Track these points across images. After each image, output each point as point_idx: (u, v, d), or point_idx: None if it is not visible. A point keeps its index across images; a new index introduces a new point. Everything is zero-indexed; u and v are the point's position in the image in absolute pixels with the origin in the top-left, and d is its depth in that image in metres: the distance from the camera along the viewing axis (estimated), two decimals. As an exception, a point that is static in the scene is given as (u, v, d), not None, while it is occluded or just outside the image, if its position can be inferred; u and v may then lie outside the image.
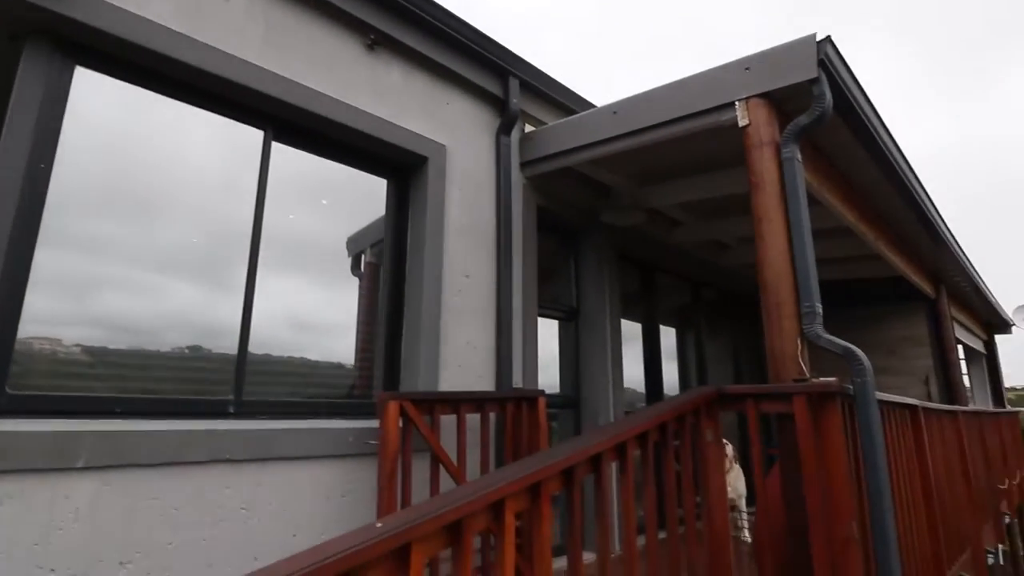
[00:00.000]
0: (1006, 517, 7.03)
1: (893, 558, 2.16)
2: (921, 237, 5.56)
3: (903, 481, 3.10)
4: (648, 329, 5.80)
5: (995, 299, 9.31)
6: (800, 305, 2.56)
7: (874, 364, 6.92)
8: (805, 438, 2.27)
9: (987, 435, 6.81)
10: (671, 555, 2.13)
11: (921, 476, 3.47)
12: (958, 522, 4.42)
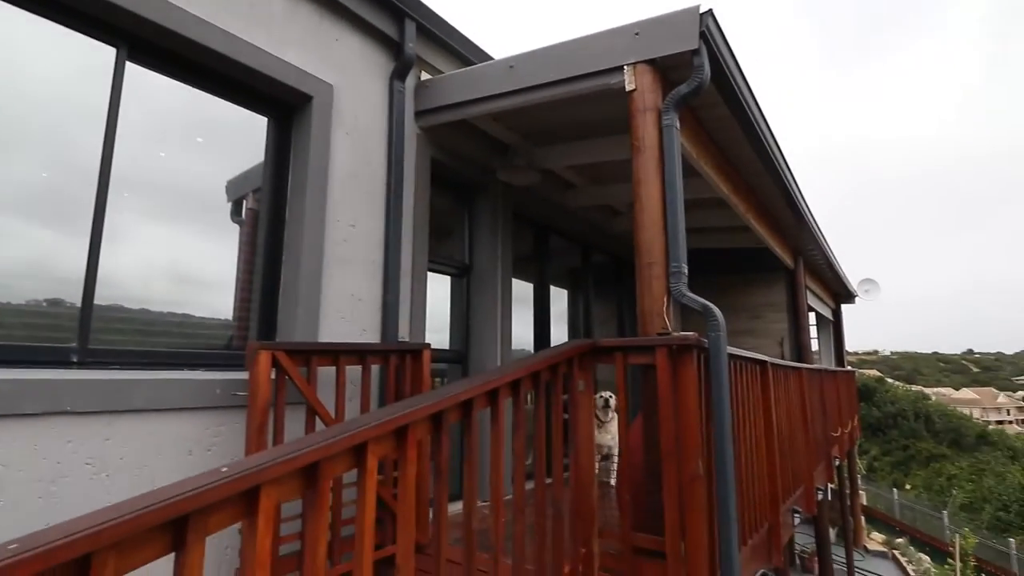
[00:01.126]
0: (836, 460, 8.16)
1: (731, 492, 2.43)
2: (785, 213, 6.13)
3: (750, 426, 3.48)
4: (539, 289, 5.96)
5: (844, 272, 10.55)
6: (669, 265, 2.73)
7: (740, 327, 7.65)
8: (664, 386, 2.46)
9: (826, 390, 7.79)
10: (537, 497, 2.25)
11: (766, 423, 3.91)
12: (795, 464, 5.05)
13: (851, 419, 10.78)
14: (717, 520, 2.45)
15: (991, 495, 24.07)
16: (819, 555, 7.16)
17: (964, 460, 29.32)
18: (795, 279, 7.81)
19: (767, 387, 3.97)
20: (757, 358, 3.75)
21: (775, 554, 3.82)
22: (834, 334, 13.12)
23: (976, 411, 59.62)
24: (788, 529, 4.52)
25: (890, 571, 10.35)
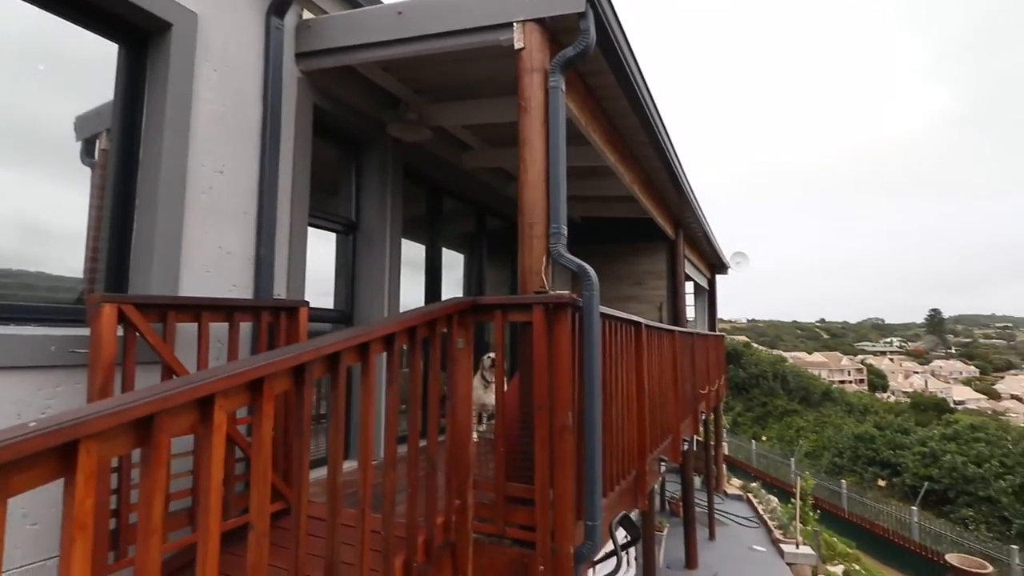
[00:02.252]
0: (703, 415, 8.99)
1: (596, 442, 2.59)
2: (667, 186, 6.48)
3: (623, 382, 3.72)
4: (432, 252, 5.89)
5: (719, 245, 11.45)
6: (549, 226, 2.79)
7: (625, 293, 8.06)
8: (539, 342, 2.54)
9: (697, 351, 8.48)
10: (411, 453, 2.25)
11: (638, 379, 4.19)
12: (665, 417, 5.49)
13: (719, 378, 11.89)
14: (584, 468, 2.60)
15: (830, 444, 27.92)
16: (683, 499, 7.91)
17: (811, 415, 33.66)
18: (675, 249, 8.35)
19: (640, 346, 4.24)
20: (632, 319, 3.98)
21: (641, 498, 4.15)
22: (708, 302, 14.28)
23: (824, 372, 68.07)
24: (655, 476, 4.92)
25: (744, 510, 11.70)
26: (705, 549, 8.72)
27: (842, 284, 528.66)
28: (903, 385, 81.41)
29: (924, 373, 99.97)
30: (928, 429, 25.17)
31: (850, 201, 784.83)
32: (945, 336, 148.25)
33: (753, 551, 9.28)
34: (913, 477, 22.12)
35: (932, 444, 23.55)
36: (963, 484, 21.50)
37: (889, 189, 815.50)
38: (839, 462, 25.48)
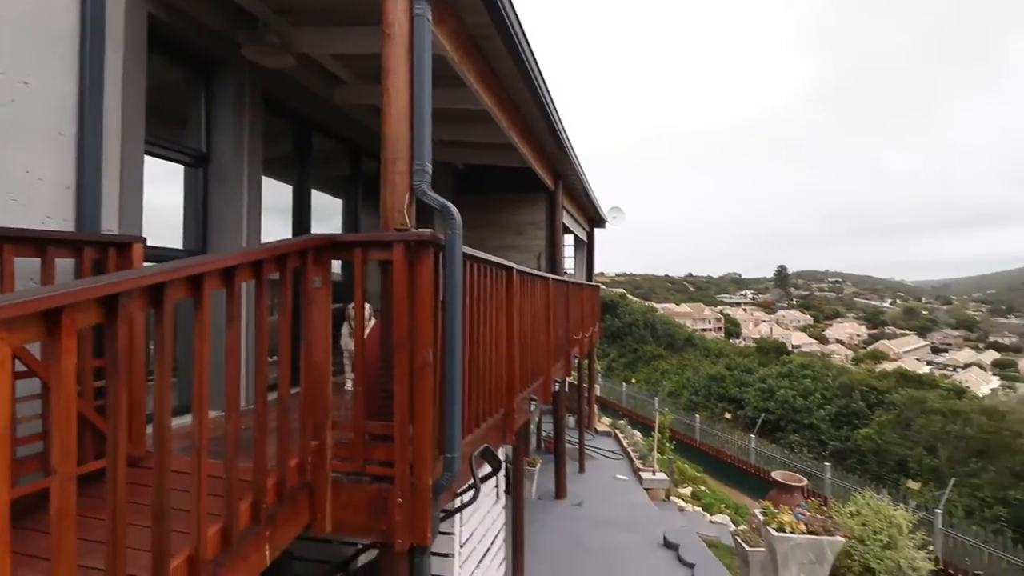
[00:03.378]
0: (576, 359, 9.53)
1: (456, 379, 2.64)
2: (546, 136, 6.56)
3: (492, 323, 3.80)
4: (300, 193, 5.53)
5: (597, 199, 11.93)
6: (413, 162, 2.72)
7: (506, 242, 8.17)
8: (400, 280, 2.51)
9: (572, 299, 8.89)
10: (258, 395, 2.15)
11: (508, 321, 4.31)
12: (536, 359, 5.73)
13: (593, 326, 12.62)
14: (445, 403, 2.66)
15: (688, 384, 31.12)
16: (555, 437, 8.45)
17: (675, 359, 37.11)
18: (554, 200, 8.57)
19: (512, 290, 4.34)
20: (502, 263, 4.05)
21: (508, 434, 4.35)
22: (587, 254, 14.96)
23: (689, 322, 74.77)
24: (525, 414, 5.17)
25: (611, 445, 12.77)
26: (575, 481, 9.43)
27: (708, 242, 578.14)
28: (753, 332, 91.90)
29: (770, 322, 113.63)
30: (768, 369, 28.97)
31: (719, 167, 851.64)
32: (789, 289, 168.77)
33: (616, 480, 10.20)
34: (754, 410, 25.46)
35: (770, 381, 27.22)
36: (792, 414, 25.19)
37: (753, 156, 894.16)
38: (695, 399, 28.59)
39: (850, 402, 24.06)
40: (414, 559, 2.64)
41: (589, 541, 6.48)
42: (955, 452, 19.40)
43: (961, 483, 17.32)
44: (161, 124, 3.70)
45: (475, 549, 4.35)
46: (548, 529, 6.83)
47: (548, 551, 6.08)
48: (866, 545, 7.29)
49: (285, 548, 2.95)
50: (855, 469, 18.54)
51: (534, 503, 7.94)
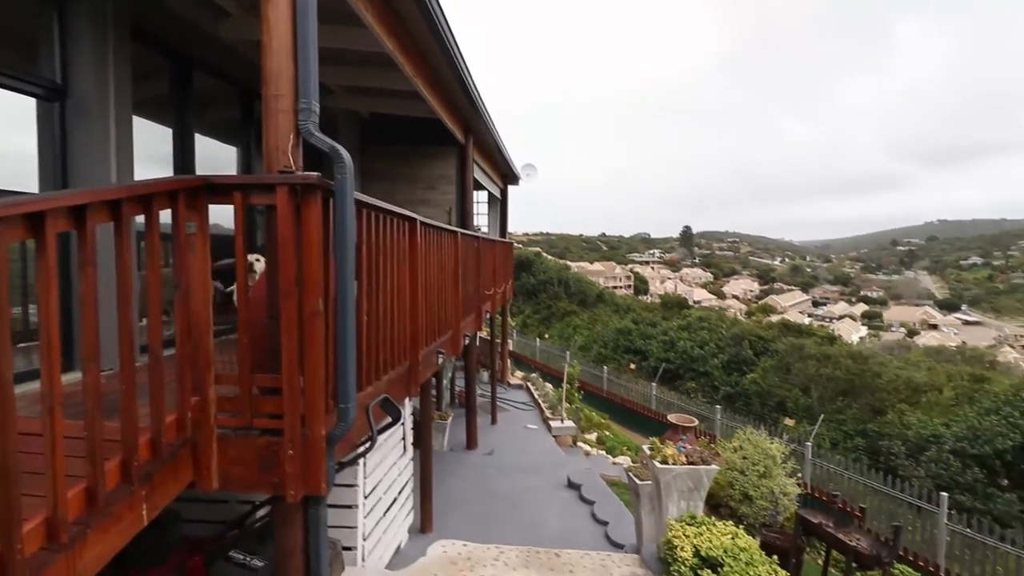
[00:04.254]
0: (487, 314, 9.64)
1: (349, 329, 2.57)
2: (453, 86, 6.38)
3: (392, 275, 3.73)
4: (182, 138, 5.06)
5: (510, 156, 11.88)
6: (298, 100, 2.55)
7: (417, 196, 7.96)
8: (285, 226, 2.38)
9: (483, 255, 8.90)
10: (122, 349, 1.99)
11: (411, 274, 4.25)
12: (444, 313, 5.73)
13: (506, 282, 12.77)
14: (336, 354, 2.60)
15: (598, 338, 32.57)
16: (467, 390, 8.58)
17: (586, 315, 38.57)
18: (465, 154, 8.43)
19: (415, 242, 4.27)
20: (404, 214, 3.95)
21: (414, 387, 4.36)
22: (500, 211, 14.98)
23: (601, 280, 77.61)
24: (432, 367, 5.19)
25: (523, 397, 13.19)
26: (487, 432, 9.68)
27: (621, 202, 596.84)
28: (659, 289, 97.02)
29: (675, 279, 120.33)
30: (670, 322, 30.91)
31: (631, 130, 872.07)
32: (692, 248, 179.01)
33: (527, 429, 10.59)
34: (656, 360, 27.19)
35: (671, 333, 29.12)
36: (690, 363, 27.21)
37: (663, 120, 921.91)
38: (604, 352, 30.04)
39: (740, 351, 26.32)
40: (309, 509, 2.62)
41: (498, 486, 6.72)
42: (825, 392, 21.91)
43: (829, 419, 19.67)
44: (3, 49, 3.22)
45: (381, 499, 4.39)
46: (459, 477, 7.01)
47: (459, 498, 6.25)
48: (745, 475, 8.12)
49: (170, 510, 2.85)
50: (742, 410, 20.41)
51: (446, 455, 8.09)
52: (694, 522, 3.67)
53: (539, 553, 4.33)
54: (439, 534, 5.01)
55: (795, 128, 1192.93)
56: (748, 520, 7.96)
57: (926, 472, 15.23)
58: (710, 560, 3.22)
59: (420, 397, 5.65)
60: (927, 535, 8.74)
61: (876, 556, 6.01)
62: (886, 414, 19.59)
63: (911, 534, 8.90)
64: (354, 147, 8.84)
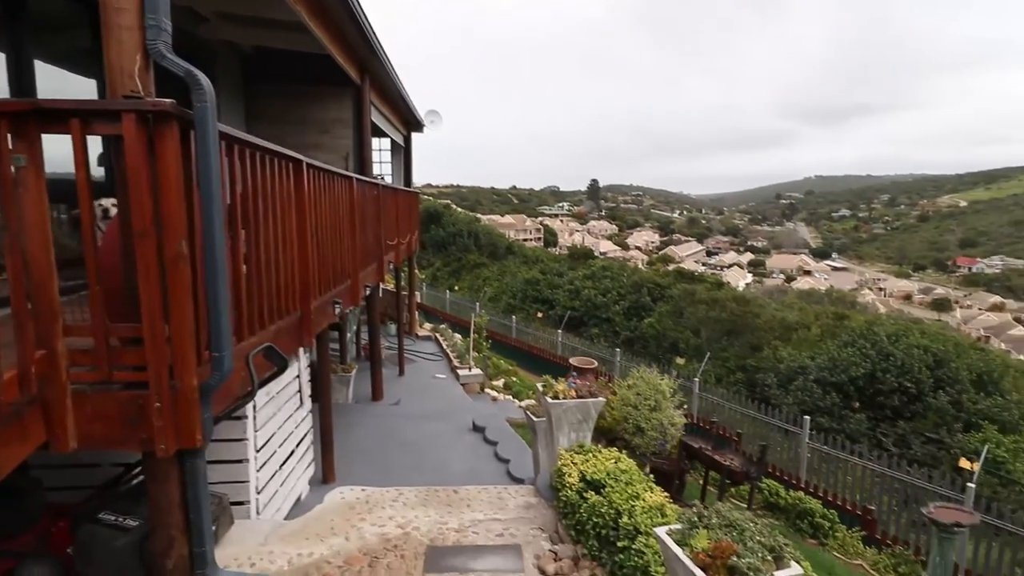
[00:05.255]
0: (391, 265, 9.44)
1: (219, 271, 2.40)
2: (343, 19, 5.94)
3: (275, 218, 3.52)
4: (18, 65, 4.36)
5: (412, 101, 11.41)
6: (145, 17, 2.25)
7: (310, 140, 7.47)
8: (135, 158, 2.15)
9: (385, 204, 8.63)
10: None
11: (299, 218, 4.03)
12: (341, 262, 5.52)
13: (411, 233, 12.51)
14: (207, 300, 2.43)
15: (507, 289, 33.09)
16: (371, 341, 8.44)
17: (496, 266, 38.89)
18: (361, 96, 7.99)
19: (302, 185, 4.03)
20: (288, 154, 3.71)
21: (307, 337, 4.21)
22: (405, 159, 14.49)
23: (512, 232, 78.08)
24: (327, 317, 5.03)
25: (432, 348, 13.21)
26: (394, 384, 9.65)
27: (532, 155, 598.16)
28: (568, 241, 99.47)
29: (583, 231, 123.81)
30: (576, 272, 31.96)
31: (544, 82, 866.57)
32: (599, 201, 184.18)
33: (435, 379, 10.67)
34: (562, 308, 28.17)
35: (577, 283, 30.20)
36: (594, 310, 28.47)
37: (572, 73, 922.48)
38: (513, 303, 30.65)
39: (639, 298, 27.86)
40: (185, 463, 2.49)
41: (403, 434, 6.77)
42: (713, 332, 23.86)
43: (715, 356, 21.50)
44: None
45: (276, 452, 4.27)
46: (364, 428, 6.98)
47: (364, 447, 6.24)
48: (638, 410, 8.74)
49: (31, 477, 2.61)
50: (641, 352, 21.81)
51: (350, 407, 8.00)
52: (582, 451, 3.92)
53: (438, 491, 4.45)
54: (342, 483, 5.00)
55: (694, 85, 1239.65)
56: (641, 450, 8.63)
57: (794, 399, 17.19)
58: (594, 483, 3.47)
59: (317, 349, 5.49)
60: (792, 453, 9.91)
61: (746, 472, 6.78)
62: (763, 350, 21.73)
63: (780, 453, 10.06)
64: (236, 84, 8.10)
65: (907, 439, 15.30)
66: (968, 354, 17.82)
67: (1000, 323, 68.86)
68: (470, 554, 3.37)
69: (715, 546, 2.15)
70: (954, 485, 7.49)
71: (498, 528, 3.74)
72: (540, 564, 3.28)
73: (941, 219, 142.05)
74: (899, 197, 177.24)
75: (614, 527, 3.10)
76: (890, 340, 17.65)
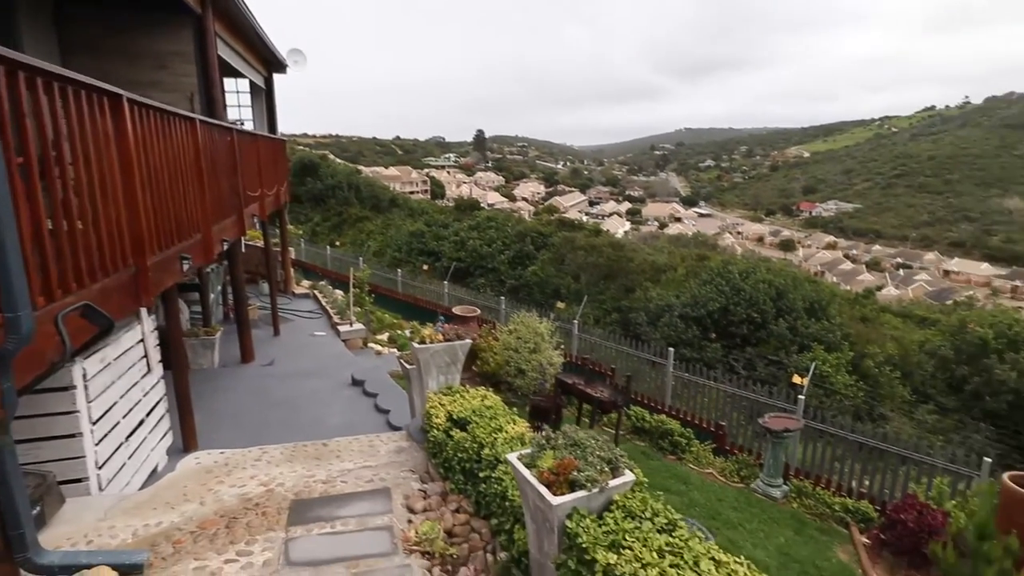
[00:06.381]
0: (255, 218, 8.77)
1: (6, 224, 2.08)
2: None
3: (92, 160, 3.11)
4: None
5: (268, 38, 10.38)
6: None
7: (145, 77, 6.57)
8: None
9: (243, 151, 7.92)
10: None
11: (123, 162, 3.58)
12: (186, 213, 5.03)
13: (279, 184, 11.64)
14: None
15: (392, 242, 32.27)
16: (236, 301, 7.89)
17: (379, 220, 37.59)
18: (203, 27, 7.12)
19: (124, 125, 3.57)
20: (100, 86, 3.24)
21: (144, 297, 3.83)
22: (267, 103, 13.28)
23: (398, 185, 75.50)
24: (172, 275, 4.60)
25: (310, 305, 12.65)
26: (269, 344, 9.15)
27: (416, 105, 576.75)
28: (455, 193, 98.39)
29: (470, 183, 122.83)
30: (461, 223, 31.84)
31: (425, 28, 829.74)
32: (486, 152, 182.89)
33: (314, 337, 10.27)
34: (448, 260, 28.12)
35: (462, 234, 30.15)
36: (479, 260, 28.73)
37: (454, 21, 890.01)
38: (398, 256, 30.02)
39: (523, 247, 28.49)
40: (-15, 440, 2.20)
41: (277, 394, 6.50)
42: (591, 277, 25.16)
43: (593, 299, 22.79)
44: None
45: (119, 424, 3.91)
46: (233, 392, 6.59)
47: (232, 411, 5.91)
48: (519, 353, 9.09)
49: None
50: (525, 300, 22.47)
51: (217, 371, 7.50)
52: (450, 392, 4.02)
53: (306, 446, 4.36)
54: (205, 449, 4.72)
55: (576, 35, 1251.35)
56: (523, 390, 9.05)
57: (661, 335, 18.77)
58: (460, 421, 3.58)
59: (166, 309, 5.03)
60: (659, 382, 10.89)
61: (614, 402, 7.35)
62: (636, 292, 23.35)
63: (649, 383, 10.99)
64: (43, 6, 6.85)
65: (753, 362, 17.41)
66: (803, 286, 20.42)
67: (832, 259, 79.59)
68: (338, 502, 3.37)
69: (558, 464, 2.32)
70: (789, 398, 8.67)
71: (368, 475, 3.75)
72: (409, 503, 3.36)
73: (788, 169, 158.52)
74: (755, 148, 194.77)
75: (477, 460, 3.24)
76: (741, 277, 19.70)
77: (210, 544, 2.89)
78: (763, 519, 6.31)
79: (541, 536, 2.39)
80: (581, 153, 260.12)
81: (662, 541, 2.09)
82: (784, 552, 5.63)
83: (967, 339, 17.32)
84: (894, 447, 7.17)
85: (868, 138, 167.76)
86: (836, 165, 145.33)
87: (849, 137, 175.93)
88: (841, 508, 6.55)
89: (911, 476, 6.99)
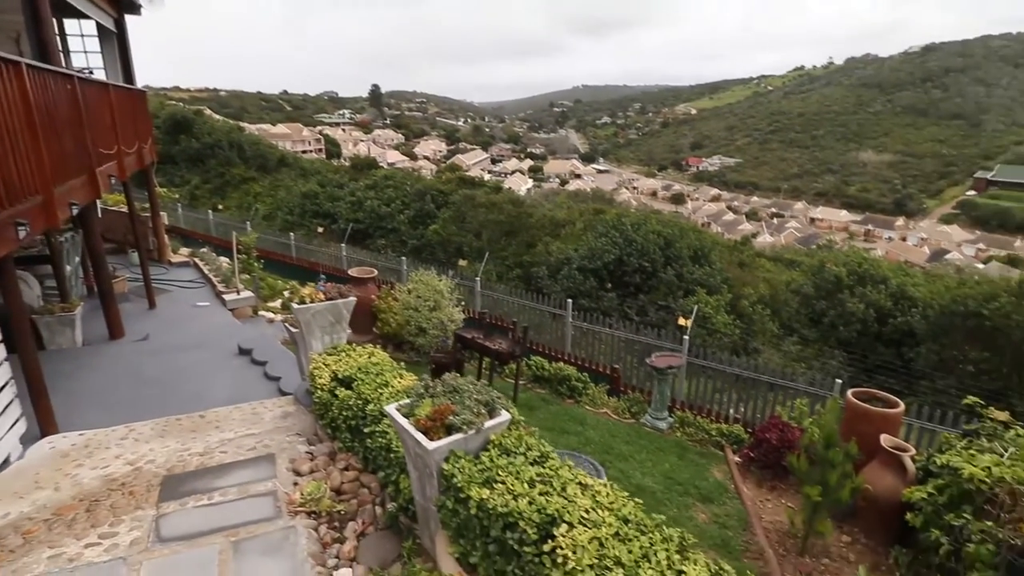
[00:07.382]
0: (113, 178, 7.87)
1: None
2: None
3: None
4: None
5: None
6: None
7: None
8: None
9: (92, 103, 7.04)
10: None
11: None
12: (19, 172, 4.42)
13: (141, 141, 10.48)
14: None
15: (283, 205, 30.38)
16: (95, 272, 7.13)
17: (267, 181, 35.10)
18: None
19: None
20: None
21: (-33, 267, 3.36)
22: (120, 49, 11.75)
23: (288, 143, 70.48)
24: (8, 243, 4.07)
25: (191, 275, 11.70)
26: (143, 318, 8.42)
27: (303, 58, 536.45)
28: (352, 152, 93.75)
29: (368, 141, 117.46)
30: (357, 183, 30.54)
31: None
32: (383, 109, 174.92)
33: (196, 307, 9.57)
34: (345, 222, 27.01)
35: (359, 194, 28.98)
36: (378, 221, 27.87)
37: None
38: (290, 219, 28.37)
39: (424, 205, 27.95)
40: None
41: (151, 370, 6.02)
42: (493, 234, 25.32)
43: (495, 256, 23.00)
44: None
45: (-50, 412, 3.46)
46: (99, 371, 6.02)
47: (99, 390, 5.41)
48: (419, 312, 9.04)
49: None
50: (428, 259, 22.19)
51: (80, 350, 6.80)
52: (335, 351, 3.93)
53: (180, 420, 4.11)
54: (63, 432, 4.31)
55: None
56: (425, 349, 9.04)
57: (561, 287, 19.42)
58: (345, 379, 3.53)
59: (2, 284, 4.44)
60: (560, 333, 11.30)
61: (512, 353, 7.55)
62: (536, 247, 23.85)
63: (551, 334, 11.38)
64: None
65: (645, 308, 18.55)
66: (689, 236, 21.83)
67: (717, 211, 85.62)
68: (215, 473, 3.23)
69: (434, 410, 2.37)
70: (675, 339, 9.36)
71: (251, 443, 3.62)
72: (295, 467, 3.29)
73: (678, 125, 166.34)
74: (648, 106, 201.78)
75: (363, 416, 3.22)
76: (633, 229, 20.69)
77: (67, 530, 2.67)
78: (650, 449, 6.86)
79: (423, 481, 2.45)
80: (482, 110, 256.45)
81: (533, 472, 2.22)
82: (668, 476, 6.18)
83: (825, 277, 19.48)
84: (764, 376, 8.01)
85: (748, 96, 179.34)
86: (720, 122, 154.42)
87: (732, 95, 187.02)
88: (717, 433, 7.26)
89: (778, 400, 7.88)
